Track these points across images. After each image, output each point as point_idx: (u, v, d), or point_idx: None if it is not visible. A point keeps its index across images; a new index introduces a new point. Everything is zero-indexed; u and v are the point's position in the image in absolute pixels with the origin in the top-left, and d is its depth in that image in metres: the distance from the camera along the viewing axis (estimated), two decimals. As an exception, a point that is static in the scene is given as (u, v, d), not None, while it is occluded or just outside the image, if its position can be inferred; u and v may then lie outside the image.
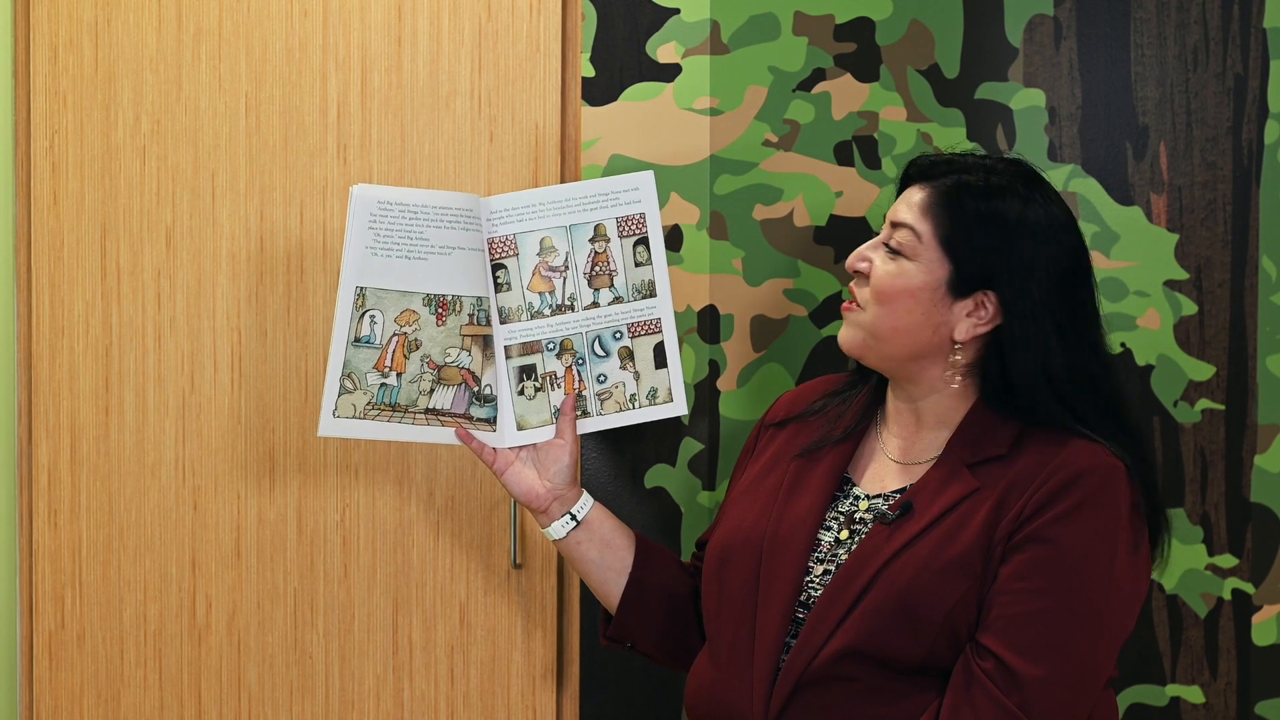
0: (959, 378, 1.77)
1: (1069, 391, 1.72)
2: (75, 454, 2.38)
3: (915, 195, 1.77)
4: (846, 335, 1.81)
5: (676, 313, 2.31)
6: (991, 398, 1.76)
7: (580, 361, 1.97)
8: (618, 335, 1.98)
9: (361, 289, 1.89)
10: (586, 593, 2.32)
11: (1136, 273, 2.30)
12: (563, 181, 2.33)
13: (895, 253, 1.76)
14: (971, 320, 1.75)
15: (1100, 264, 2.30)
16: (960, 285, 1.74)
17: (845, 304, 1.81)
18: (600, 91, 2.31)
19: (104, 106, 2.35)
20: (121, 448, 2.38)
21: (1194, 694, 2.33)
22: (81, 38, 2.35)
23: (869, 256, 1.78)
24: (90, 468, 2.38)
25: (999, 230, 1.73)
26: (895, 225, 1.77)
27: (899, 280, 1.75)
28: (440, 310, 1.92)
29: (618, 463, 2.34)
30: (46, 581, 2.40)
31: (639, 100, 2.31)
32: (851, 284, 1.81)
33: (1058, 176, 2.30)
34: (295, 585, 2.38)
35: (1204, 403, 2.31)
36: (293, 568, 2.38)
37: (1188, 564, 2.32)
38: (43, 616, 2.40)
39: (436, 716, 2.38)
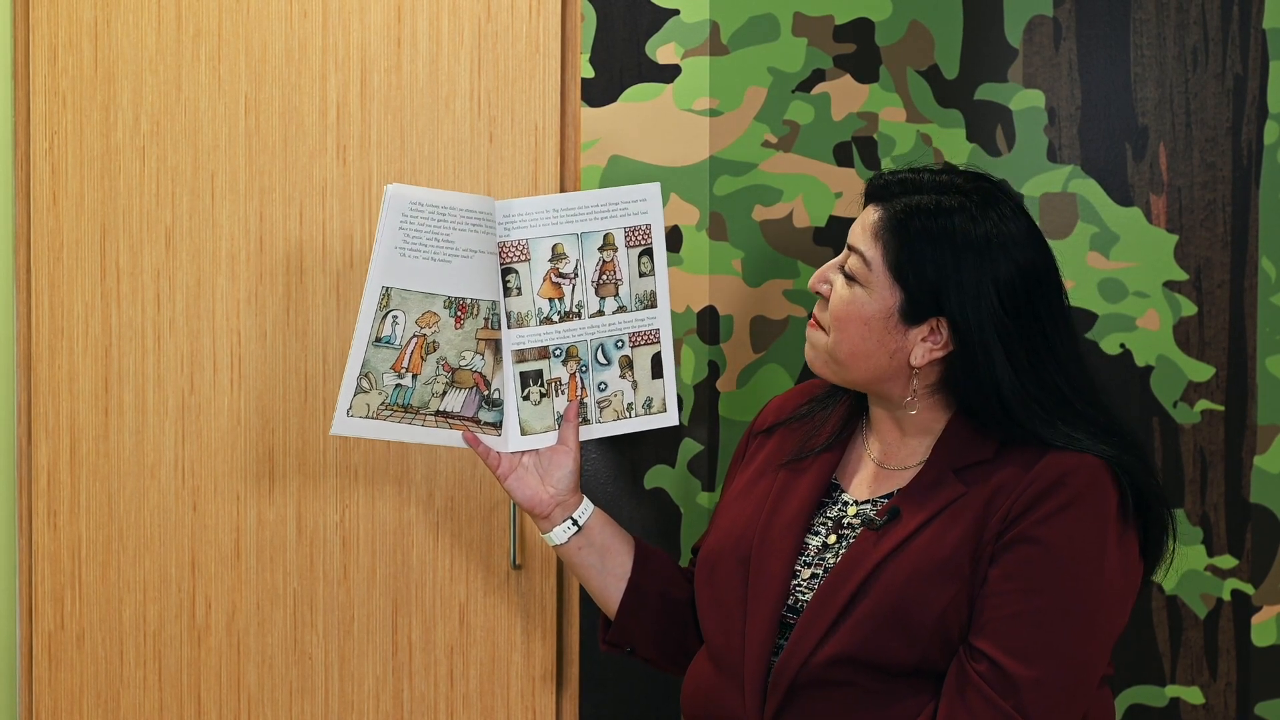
0: (925, 398, 1.77)
1: (1029, 413, 1.71)
2: (75, 455, 2.38)
3: (870, 217, 1.76)
4: (810, 355, 1.81)
5: (676, 314, 2.31)
6: (965, 414, 1.76)
7: (584, 369, 1.97)
8: (619, 344, 1.98)
9: (387, 289, 1.89)
10: (586, 593, 2.32)
11: (1136, 273, 2.30)
12: (562, 183, 2.34)
13: (851, 278, 1.76)
14: (927, 345, 1.74)
15: (1099, 264, 2.30)
16: (912, 312, 1.73)
17: (810, 324, 1.81)
18: (600, 92, 2.31)
19: (103, 107, 2.35)
20: (121, 448, 2.38)
21: (1194, 695, 2.33)
22: (81, 38, 2.35)
23: (829, 279, 1.78)
24: (90, 468, 2.38)
25: (947, 255, 1.71)
26: (850, 249, 1.77)
27: (852, 307, 1.75)
28: (459, 313, 1.92)
29: (618, 463, 2.34)
30: (46, 582, 2.40)
31: (638, 101, 2.31)
32: (816, 306, 1.81)
33: (1057, 177, 2.30)
34: (295, 586, 2.38)
35: (1203, 403, 2.31)
36: (292, 569, 2.38)
37: (1187, 565, 2.32)
38: (42, 617, 2.40)
39: (436, 717, 2.38)
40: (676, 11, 2.30)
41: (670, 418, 2.03)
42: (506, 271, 1.94)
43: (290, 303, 2.36)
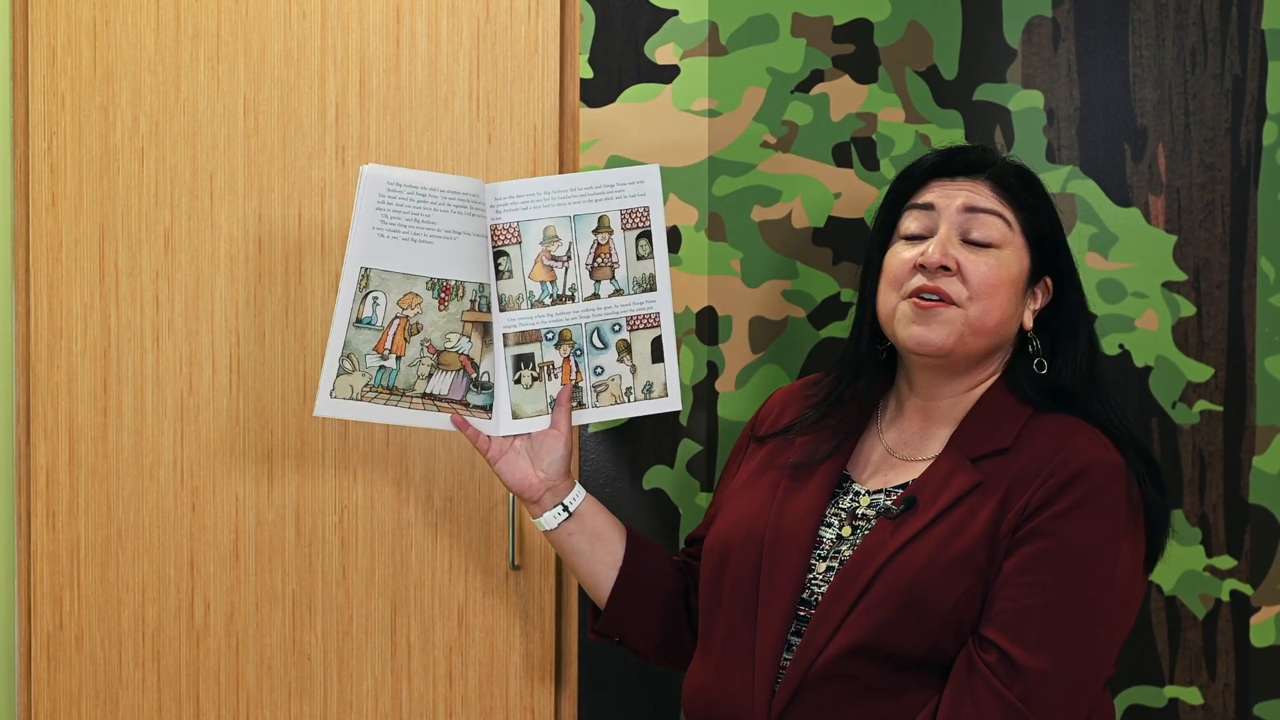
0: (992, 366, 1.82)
1: (1095, 376, 1.80)
2: (74, 455, 2.38)
3: (979, 187, 1.79)
4: (937, 334, 1.76)
5: (675, 314, 2.31)
6: (1017, 383, 1.78)
7: (578, 353, 1.97)
8: (616, 328, 1.98)
9: (366, 270, 1.89)
10: (585, 594, 2.32)
11: (1135, 274, 2.30)
12: (561, 183, 2.33)
13: (980, 245, 1.77)
14: (1032, 307, 1.81)
15: (1099, 265, 2.30)
16: (1036, 273, 1.81)
17: (928, 303, 1.76)
18: (599, 93, 2.31)
19: (102, 108, 2.35)
20: (120, 449, 2.38)
21: (1192, 695, 2.33)
22: (80, 39, 2.35)
23: (951, 253, 1.76)
24: (88, 469, 2.38)
25: (1056, 216, 1.82)
26: (975, 211, 1.77)
27: (1001, 271, 1.77)
28: (443, 295, 1.91)
29: (616, 463, 2.33)
30: (45, 583, 2.40)
31: (637, 101, 2.31)
32: (936, 280, 1.76)
33: (1056, 178, 2.30)
34: (294, 586, 2.38)
35: (1202, 404, 2.31)
36: (291, 569, 2.38)
37: (1186, 565, 2.32)
38: (41, 618, 2.40)
39: (435, 717, 2.38)
40: (675, 12, 2.30)
41: (673, 402, 2.01)
42: (498, 254, 1.93)
43: (289, 303, 2.36)
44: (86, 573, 2.39)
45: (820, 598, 1.75)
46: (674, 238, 2.31)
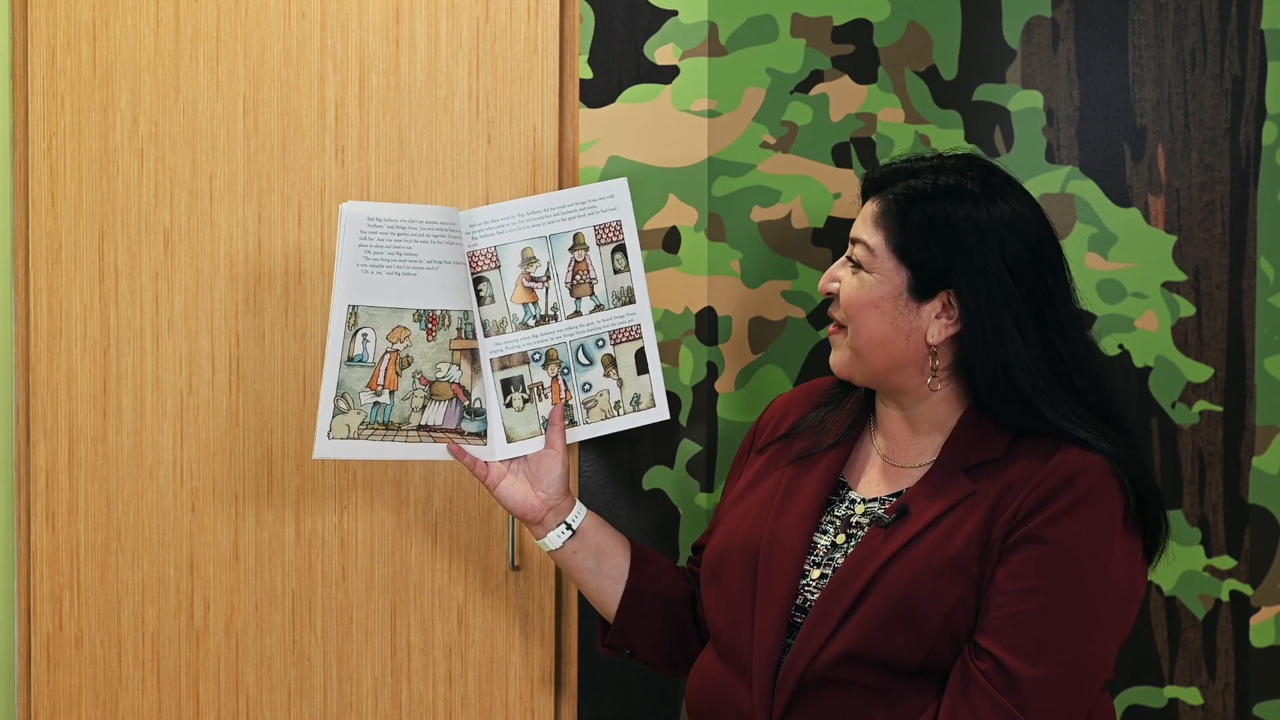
0: (943, 383, 1.78)
1: (1037, 390, 1.71)
2: (73, 456, 2.38)
3: (869, 209, 1.79)
4: (834, 359, 1.83)
5: (675, 314, 2.31)
6: (979, 403, 1.76)
7: (565, 371, 1.98)
8: (600, 343, 1.99)
9: (354, 307, 1.89)
10: (584, 595, 2.32)
11: (1134, 274, 2.30)
12: (560, 184, 2.34)
13: (857, 267, 1.78)
14: (942, 321, 1.75)
15: (1098, 265, 2.30)
16: (921, 288, 1.75)
17: (831, 330, 1.83)
18: (598, 93, 2.31)
19: (102, 108, 2.35)
20: (119, 450, 2.38)
21: (1192, 695, 2.33)
22: (79, 40, 2.35)
23: (837, 276, 1.81)
24: (88, 470, 2.38)
25: (949, 231, 1.73)
26: (853, 241, 1.80)
27: (861, 292, 1.77)
28: (430, 325, 1.92)
29: (615, 465, 2.33)
30: (44, 583, 2.40)
31: (637, 102, 2.31)
32: (830, 308, 1.83)
33: (1056, 178, 2.30)
34: (293, 587, 2.38)
35: (1202, 404, 2.31)
36: (290, 570, 2.38)
37: (1186, 565, 2.32)
38: (40, 618, 2.40)
39: (434, 718, 2.38)
40: (675, 12, 2.30)
41: (660, 412, 2.03)
42: (478, 280, 1.94)
43: (289, 304, 2.36)
44: (86, 573, 2.39)
45: (813, 604, 1.75)
46: (673, 238, 2.31)
